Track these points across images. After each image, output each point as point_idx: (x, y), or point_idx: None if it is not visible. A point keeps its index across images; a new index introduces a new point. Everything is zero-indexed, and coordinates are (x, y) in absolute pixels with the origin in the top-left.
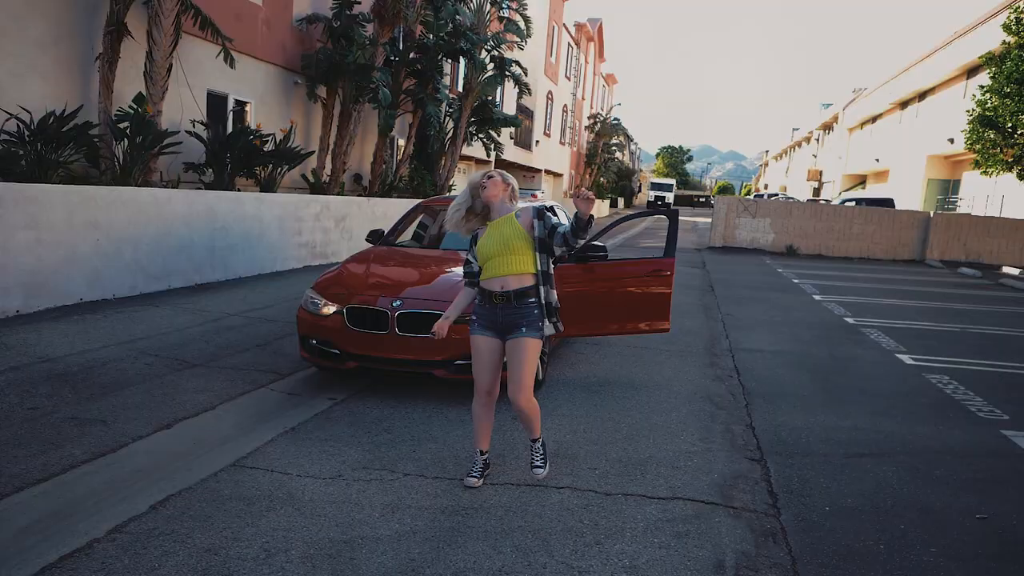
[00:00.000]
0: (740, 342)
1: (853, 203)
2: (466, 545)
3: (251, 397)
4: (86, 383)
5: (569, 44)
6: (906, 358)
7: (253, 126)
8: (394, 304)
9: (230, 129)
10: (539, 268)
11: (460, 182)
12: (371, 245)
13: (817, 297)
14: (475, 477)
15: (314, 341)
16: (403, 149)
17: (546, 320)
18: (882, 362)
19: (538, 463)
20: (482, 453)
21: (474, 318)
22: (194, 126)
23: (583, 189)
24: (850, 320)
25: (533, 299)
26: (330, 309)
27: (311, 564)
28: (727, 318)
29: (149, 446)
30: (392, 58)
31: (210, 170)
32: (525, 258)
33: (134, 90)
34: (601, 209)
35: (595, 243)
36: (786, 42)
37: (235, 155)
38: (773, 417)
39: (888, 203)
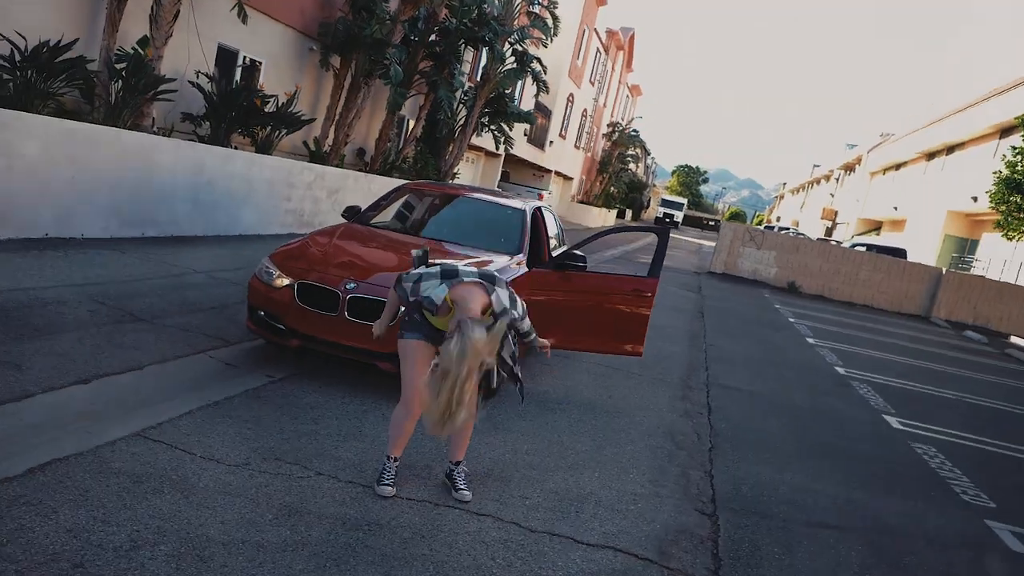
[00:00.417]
0: (719, 377)
1: (864, 248)
2: (355, 569)
3: (186, 361)
4: (17, 322)
5: (598, 49)
6: (893, 421)
7: (264, 86)
8: (347, 286)
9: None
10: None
11: (466, 171)
12: (346, 221)
13: (810, 340)
14: (389, 485)
15: (262, 313)
16: (411, 130)
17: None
18: (867, 422)
19: (462, 486)
20: (395, 460)
21: (407, 320)
22: (198, 77)
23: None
24: (840, 370)
25: None
26: (283, 281)
27: (176, 565)
28: (711, 349)
29: (56, 400)
30: (412, 38)
31: (207, 123)
32: None
33: (140, 32)
34: (607, 219)
35: (575, 251)
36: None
37: (236, 112)
38: (737, 467)
39: (900, 253)
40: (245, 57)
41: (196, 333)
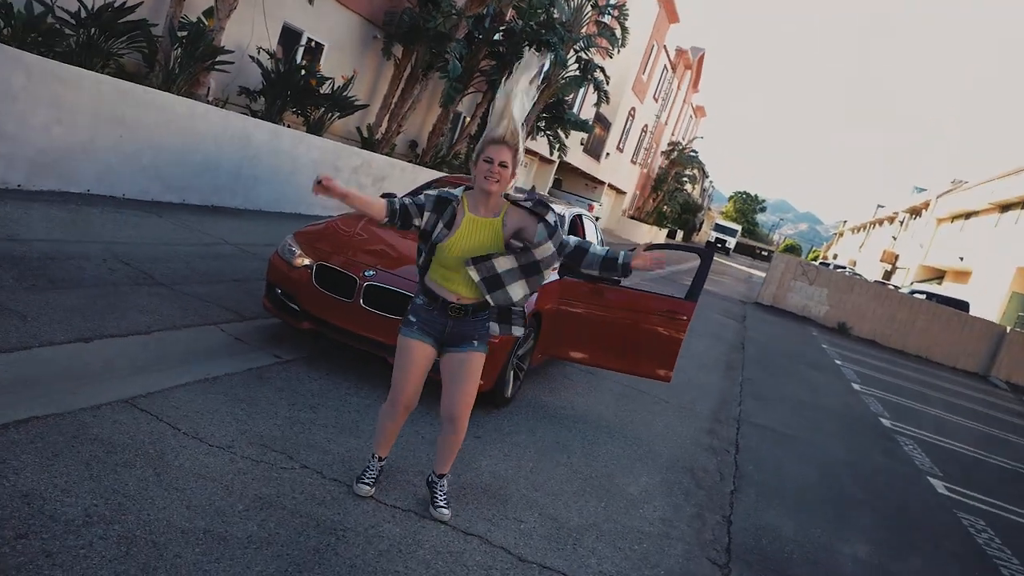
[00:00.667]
0: (752, 414)
1: (923, 296)
2: None
3: (195, 331)
4: (35, 272)
5: (665, 66)
6: (939, 485)
7: (322, 68)
8: (366, 273)
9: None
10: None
11: (517, 174)
12: None
13: (856, 386)
14: (367, 484)
15: (279, 291)
16: (466, 127)
17: (515, 325)
18: (910, 482)
19: (442, 503)
20: (380, 459)
21: (412, 319)
22: (259, 53)
23: (662, 261)
24: (886, 422)
25: (486, 312)
26: (303, 261)
27: (125, 549)
28: (747, 383)
29: (53, 356)
30: (476, 35)
31: (262, 99)
32: None
33: (207, 3)
34: (656, 238)
35: None
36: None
37: (291, 90)
38: (759, 515)
39: (962, 305)
40: (309, 39)
41: (212, 304)
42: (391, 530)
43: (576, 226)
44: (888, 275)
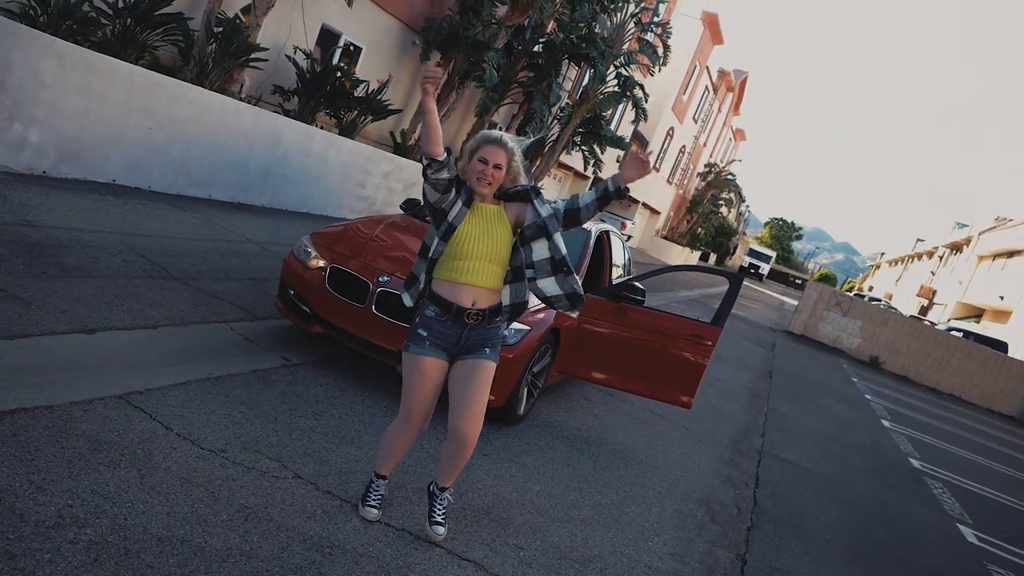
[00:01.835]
0: (775, 446)
1: (960, 334)
2: None
3: (203, 328)
4: (47, 259)
5: (707, 88)
6: (969, 533)
7: (358, 71)
8: (380, 279)
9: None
10: (512, 264)
11: (551, 187)
12: (402, 213)
13: (886, 423)
14: (374, 507)
15: (291, 292)
16: None
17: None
18: (938, 529)
19: (439, 518)
20: (384, 479)
21: (422, 333)
22: (295, 53)
23: (645, 153)
24: (915, 462)
25: (500, 318)
26: (318, 263)
27: (94, 555)
28: (772, 414)
29: (52, 345)
30: (516, 46)
31: (296, 99)
32: (503, 271)
33: (247, 1)
34: (688, 260)
35: (635, 284)
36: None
37: (325, 92)
38: (776, 555)
39: (1001, 346)
40: (347, 41)
41: (225, 301)
42: (381, 551)
43: (602, 243)
44: (924, 311)
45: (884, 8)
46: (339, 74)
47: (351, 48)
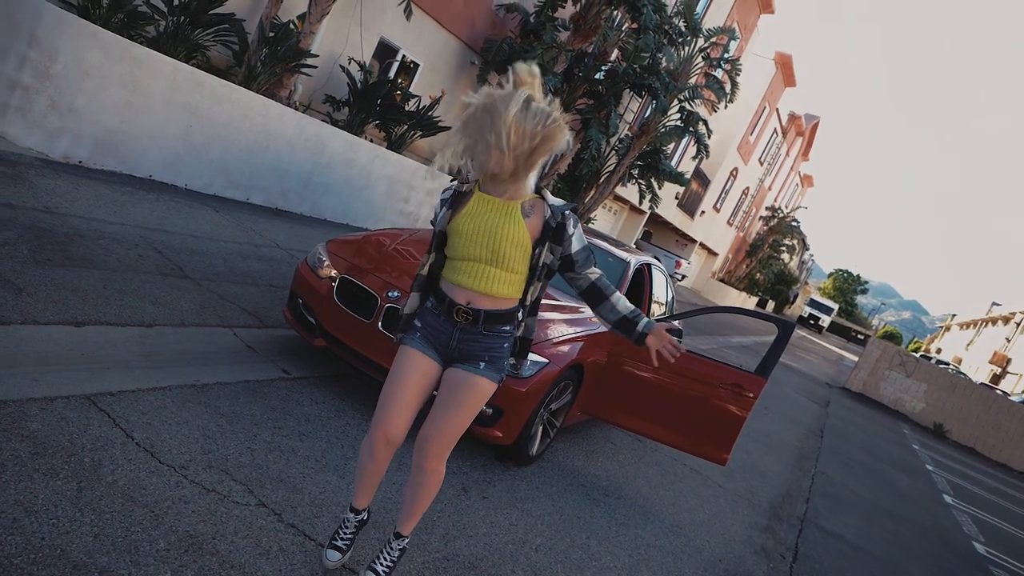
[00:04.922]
0: (820, 516)
1: None
2: None
3: (204, 331)
4: (56, 247)
5: (775, 130)
6: None
7: (413, 87)
8: (390, 294)
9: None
10: (529, 298)
11: (605, 220)
12: (431, 228)
13: (948, 498)
14: (337, 550)
15: (300, 301)
16: (556, 164)
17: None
18: None
19: (380, 569)
20: (357, 513)
21: (418, 323)
22: (350, 63)
23: (675, 353)
24: (979, 547)
25: (507, 328)
26: (329, 272)
27: None
28: (820, 477)
29: (31, 335)
30: (576, 72)
31: (346, 109)
32: (514, 279)
33: (305, 9)
34: (746, 304)
35: (673, 322)
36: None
37: (376, 104)
38: None
39: None
40: (404, 56)
41: (235, 306)
42: None
43: (642, 275)
44: (997, 379)
45: (963, 55)
46: (390, 87)
47: (410, 64)
